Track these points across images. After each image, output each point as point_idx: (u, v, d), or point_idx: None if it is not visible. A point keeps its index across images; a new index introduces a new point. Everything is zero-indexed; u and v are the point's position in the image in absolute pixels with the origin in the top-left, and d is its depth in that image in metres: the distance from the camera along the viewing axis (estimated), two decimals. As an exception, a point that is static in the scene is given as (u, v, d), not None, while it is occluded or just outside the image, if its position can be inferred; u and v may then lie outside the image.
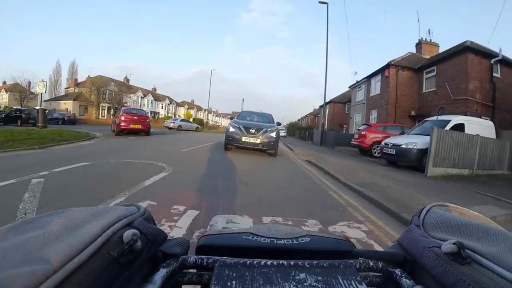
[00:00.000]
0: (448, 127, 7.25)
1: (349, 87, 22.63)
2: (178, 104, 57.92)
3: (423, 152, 6.79)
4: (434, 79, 13.85)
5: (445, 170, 6.61)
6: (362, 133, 10.65)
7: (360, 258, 0.42)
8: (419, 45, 19.37)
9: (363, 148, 10.70)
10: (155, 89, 51.97)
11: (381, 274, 0.42)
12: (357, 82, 20.55)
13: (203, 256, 0.41)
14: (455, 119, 7.70)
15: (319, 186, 4.52)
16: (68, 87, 40.44)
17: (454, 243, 0.33)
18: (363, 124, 12.90)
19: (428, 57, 17.27)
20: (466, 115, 9.94)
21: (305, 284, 0.35)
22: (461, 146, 6.89)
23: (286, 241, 0.46)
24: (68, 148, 7.12)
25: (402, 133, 9.58)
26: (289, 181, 4.79)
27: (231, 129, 7.86)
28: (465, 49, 11.95)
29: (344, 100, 29.25)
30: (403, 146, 7.16)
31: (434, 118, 8.64)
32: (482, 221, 0.41)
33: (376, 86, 17.07)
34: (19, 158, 5.01)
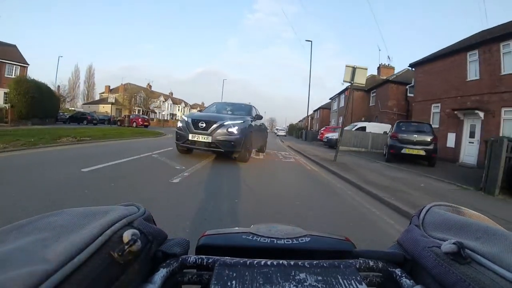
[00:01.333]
0: (354, 128, 14.90)
1: (329, 99, 30.29)
2: (192, 107, 65.76)
3: (349, 137, 14.38)
4: (375, 97, 21.47)
5: (348, 148, 14.23)
6: (321, 132, 18.38)
7: (360, 258, 0.43)
8: (379, 68, 26.90)
9: (322, 141, 18.33)
10: (171, 93, 59.88)
11: (381, 274, 0.42)
12: (333, 96, 28.20)
13: (203, 256, 0.42)
14: (359, 124, 15.36)
15: (286, 149, 12.26)
16: (103, 92, 48.33)
17: (454, 243, 0.33)
18: (323, 127, 20.62)
19: (384, 77, 24.78)
20: (390, 122, 17.50)
21: (305, 284, 0.35)
22: (357, 137, 14.53)
23: (286, 241, 0.46)
24: (169, 137, 14.66)
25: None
26: (273, 147, 12.49)
27: (179, 124, 6.30)
28: (387, 81, 19.58)
29: (330, 107, 36.93)
30: (330, 137, 14.86)
31: (353, 124, 16.33)
32: (482, 221, 0.41)
33: (342, 101, 24.79)
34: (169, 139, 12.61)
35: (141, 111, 43.45)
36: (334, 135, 14.64)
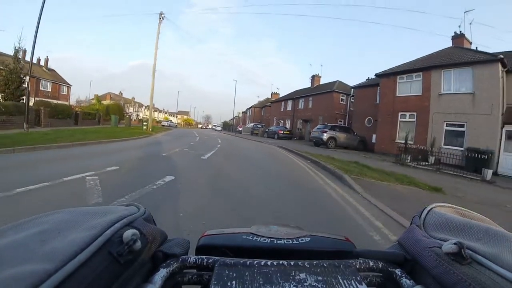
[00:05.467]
0: (250, 126, 39.20)
1: (247, 108, 54.74)
2: (147, 108, 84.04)
3: (245, 129, 38.42)
4: (265, 111, 46.38)
5: (247, 133, 38.37)
6: (238, 127, 42.38)
7: (360, 258, 0.43)
8: (271, 94, 51.87)
9: (239, 131, 42.07)
10: (133, 98, 77.30)
11: (381, 274, 0.42)
12: (247, 108, 52.81)
13: (203, 256, 0.42)
14: (252, 124, 39.76)
15: (221, 133, 35.78)
16: (92, 99, 64.21)
17: (454, 243, 0.33)
18: (240, 124, 44.90)
19: (273, 99, 49.81)
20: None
21: (305, 284, 0.35)
22: (250, 129, 38.91)
23: (286, 241, 0.46)
24: (177, 129, 36.79)
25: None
26: (219, 134, 35.95)
27: None
28: (266, 106, 44.66)
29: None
30: (239, 129, 38.96)
31: (251, 123, 40.73)
32: (482, 222, 0.42)
33: (250, 113, 49.48)
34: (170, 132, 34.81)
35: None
36: (241, 128, 38.42)
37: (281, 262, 0.40)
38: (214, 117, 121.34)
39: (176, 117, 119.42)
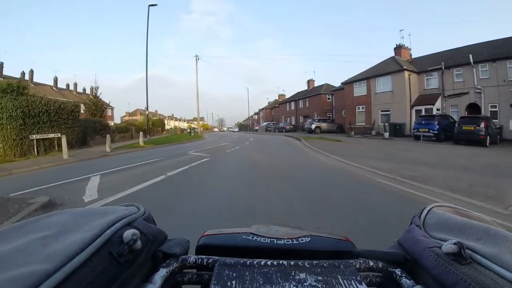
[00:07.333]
0: (264, 124, 49.74)
1: (259, 110, 65.37)
2: (170, 118, 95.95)
3: (260, 128, 49.01)
4: (274, 111, 56.79)
5: (263, 130, 48.95)
6: (254, 126, 53.02)
7: (360, 258, 0.43)
8: (279, 96, 62.04)
9: (256, 129, 52.60)
10: (156, 111, 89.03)
11: (381, 274, 0.42)
12: (260, 110, 63.37)
13: (203, 256, 0.42)
14: (266, 123, 50.34)
15: (241, 133, 46.58)
16: (124, 116, 76.34)
17: (454, 243, 0.33)
18: (255, 124, 55.61)
19: (280, 100, 60.05)
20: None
21: (305, 284, 0.35)
22: (264, 126, 49.57)
23: (286, 241, 0.46)
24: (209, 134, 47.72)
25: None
26: (243, 134, 46.68)
27: None
28: (275, 106, 55.15)
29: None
30: (255, 128, 49.63)
31: (265, 122, 51.33)
32: (482, 222, 0.42)
33: (262, 114, 60.26)
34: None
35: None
36: (257, 127, 48.95)
37: (281, 262, 0.40)
38: (227, 119, 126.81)
39: (193, 123, 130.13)
